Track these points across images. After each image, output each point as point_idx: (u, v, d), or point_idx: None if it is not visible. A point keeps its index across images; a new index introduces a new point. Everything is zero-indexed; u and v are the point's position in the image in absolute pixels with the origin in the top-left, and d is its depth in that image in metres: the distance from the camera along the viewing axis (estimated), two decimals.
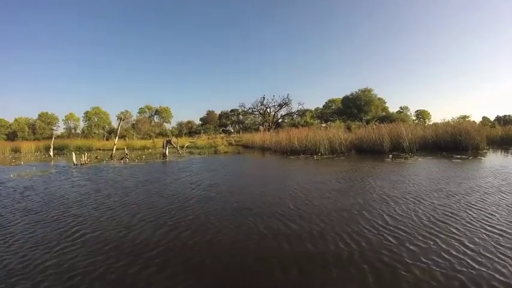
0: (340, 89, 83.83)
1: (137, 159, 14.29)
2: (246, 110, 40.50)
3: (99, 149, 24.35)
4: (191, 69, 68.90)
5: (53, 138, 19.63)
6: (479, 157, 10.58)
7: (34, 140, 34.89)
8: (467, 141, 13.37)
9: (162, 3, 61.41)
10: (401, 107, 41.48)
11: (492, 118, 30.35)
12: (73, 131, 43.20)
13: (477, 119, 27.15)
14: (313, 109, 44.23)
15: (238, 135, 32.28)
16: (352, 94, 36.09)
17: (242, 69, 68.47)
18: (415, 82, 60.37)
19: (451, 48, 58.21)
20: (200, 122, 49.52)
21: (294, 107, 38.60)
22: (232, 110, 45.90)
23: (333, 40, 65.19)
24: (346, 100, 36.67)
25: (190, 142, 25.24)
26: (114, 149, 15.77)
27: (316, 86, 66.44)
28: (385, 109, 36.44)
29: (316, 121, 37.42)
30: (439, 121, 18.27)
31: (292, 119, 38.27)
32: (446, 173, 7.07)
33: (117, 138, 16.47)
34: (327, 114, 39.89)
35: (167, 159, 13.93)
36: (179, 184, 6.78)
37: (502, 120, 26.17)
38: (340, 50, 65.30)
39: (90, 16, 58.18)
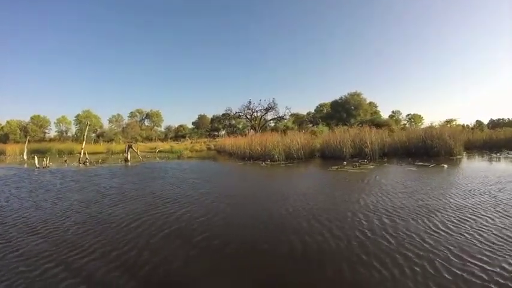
0: (336, 93, 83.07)
1: (96, 162, 14.10)
2: (233, 114, 40.25)
3: (80, 153, 24.19)
4: (187, 72, 69.06)
5: (27, 142, 19.64)
6: (443, 164, 9.83)
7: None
8: (439, 146, 12.78)
9: (160, 6, 61.87)
10: (393, 111, 40.84)
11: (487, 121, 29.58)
12: (65, 134, 43.44)
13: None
14: (305, 113, 43.92)
15: (221, 139, 31.87)
16: (341, 98, 35.49)
17: (237, 72, 68.40)
18: (412, 86, 59.64)
19: (447, 51, 57.35)
20: (192, 126, 49.41)
21: (282, 111, 38.28)
22: (223, 114, 45.58)
23: (331, 44, 64.83)
24: (335, 104, 36.09)
25: (171, 146, 24.99)
26: (82, 153, 15.58)
27: (313, 90, 66.15)
28: (375, 113, 35.69)
29: (309, 125, 36.93)
30: (428, 125, 17.53)
31: (277, 123, 37.78)
32: (353, 190, 5.83)
33: (84, 143, 16.25)
34: (317, 118, 39.36)
35: (129, 163, 13.70)
36: (90, 189, 6.62)
37: (491, 124, 25.35)
38: (338, 54, 64.83)
39: (88, 17, 58.97)
